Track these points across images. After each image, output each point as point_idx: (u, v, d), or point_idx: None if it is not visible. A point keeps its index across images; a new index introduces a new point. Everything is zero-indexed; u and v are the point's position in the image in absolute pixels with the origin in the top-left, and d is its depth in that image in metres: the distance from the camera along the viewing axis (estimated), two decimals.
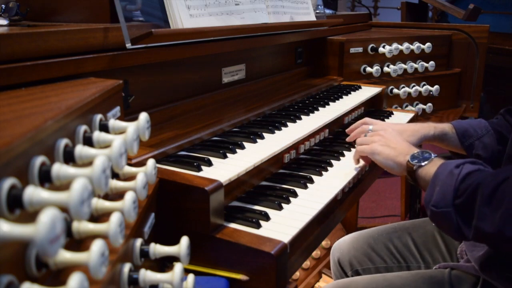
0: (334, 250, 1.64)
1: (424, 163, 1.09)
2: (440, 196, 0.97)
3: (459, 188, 0.95)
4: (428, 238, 1.50)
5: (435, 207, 0.98)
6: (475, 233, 0.92)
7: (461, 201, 0.94)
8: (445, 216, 0.96)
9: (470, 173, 0.97)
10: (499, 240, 0.89)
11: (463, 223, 0.95)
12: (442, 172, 1.01)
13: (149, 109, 1.28)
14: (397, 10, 3.30)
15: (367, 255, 1.52)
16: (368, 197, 3.80)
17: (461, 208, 0.95)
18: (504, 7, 3.79)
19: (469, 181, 0.95)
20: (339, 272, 1.61)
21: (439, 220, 0.99)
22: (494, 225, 0.87)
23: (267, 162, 1.18)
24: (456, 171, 0.98)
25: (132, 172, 0.80)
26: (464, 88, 2.42)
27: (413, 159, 1.12)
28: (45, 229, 0.45)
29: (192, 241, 0.80)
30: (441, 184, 0.98)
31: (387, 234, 1.54)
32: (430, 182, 1.02)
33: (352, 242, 1.58)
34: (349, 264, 1.55)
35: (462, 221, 0.95)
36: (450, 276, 1.20)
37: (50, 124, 0.60)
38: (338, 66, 2.09)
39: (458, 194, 0.95)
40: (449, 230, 0.98)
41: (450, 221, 0.96)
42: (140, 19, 1.26)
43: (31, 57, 0.90)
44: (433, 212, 0.99)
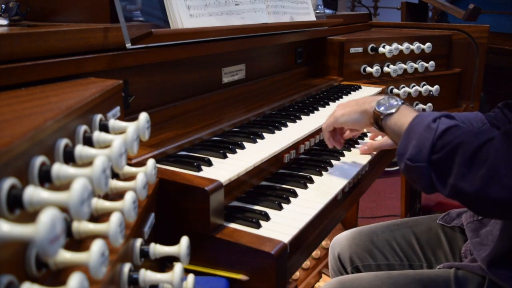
0: (334, 245, 1.61)
1: (392, 110, 1.08)
2: (416, 150, 0.95)
3: (437, 143, 0.93)
4: (432, 237, 1.48)
5: (410, 161, 0.95)
6: (451, 191, 0.90)
7: (438, 157, 0.92)
8: (419, 171, 0.94)
9: (449, 128, 0.94)
10: (479, 200, 0.87)
11: (438, 179, 0.93)
12: (418, 125, 0.98)
13: (149, 109, 1.28)
14: (397, 10, 3.30)
15: (368, 251, 1.51)
16: (368, 197, 3.80)
17: (437, 164, 0.93)
18: (504, 7, 3.79)
19: (448, 138, 0.92)
20: (337, 268, 1.58)
21: (413, 175, 0.97)
22: (474, 185, 0.85)
23: (267, 162, 1.18)
24: (433, 125, 0.95)
25: (132, 172, 0.80)
26: (464, 88, 2.42)
27: (379, 106, 1.11)
28: (45, 229, 0.45)
29: (192, 241, 0.80)
30: (418, 138, 0.96)
31: (389, 231, 1.53)
32: (404, 134, 1.00)
33: (353, 237, 1.56)
34: (350, 260, 1.53)
35: (437, 177, 0.93)
36: (455, 276, 1.20)
37: (50, 124, 0.60)
38: (338, 66, 2.09)
39: (435, 149, 0.93)
40: (421, 185, 0.96)
41: (424, 176, 0.94)
42: (140, 19, 1.26)
43: (31, 57, 0.90)
44: (407, 166, 0.96)
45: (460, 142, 0.90)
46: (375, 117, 1.12)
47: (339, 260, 1.57)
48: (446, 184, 0.92)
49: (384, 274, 1.28)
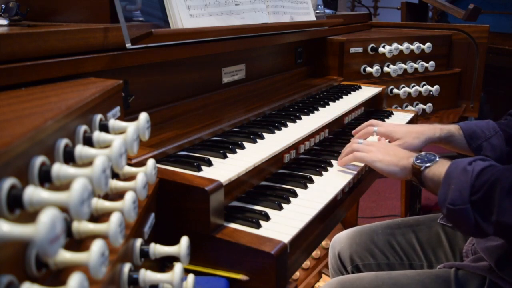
0: (334, 244, 1.61)
1: (430, 163, 1.09)
2: (456, 194, 0.97)
3: (475, 184, 0.95)
4: (432, 236, 1.48)
5: (451, 205, 0.97)
6: (497, 227, 0.92)
7: (479, 197, 0.94)
8: (462, 214, 0.96)
9: (484, 169, 0.96)
10: None
11: (481, 219, 0.94)
12: (455, 170, 1.00)
13: (149, 109, 1.28)
14: (397, 10, 3.30)
15: (369, 250, 1.51)
16: (368, 197, 3.79)
17: (478, 204, 0.94)
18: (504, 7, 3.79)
19: (485, 177, 0.95)
20: (338, 267, 1.58)
21: (456, 218, 0.98)
22: None
23: (267, 162, 1.18)
24: (469, 168, 0.98)
25: (132, 172, 0.80)
26: (464, 88, 2.42)
27: (417, 160, 1.12)
28: (45, 229, 0.45)
29: (192, 241, 0.80)
30: (456, 182, 0.98)
31: (390, 230, 1.53)
32: (442, 181, 1.02)
33: (354, 236, 1.56)
34: (350, 259, 1.53)
35: (481, 217, 0.94)
36: (456, 275, 1.20)
37: (50, 124, 0.60)
38: (338, 66, 2.09)
39: (474, 190, 0.95)
40: (466, 227, 0.97)
41: (468, 218, 0.95)
42: (140, 19, 1.26)
43: (31, 57, 0.90)
44: (450, 211, 0.98)
45: (496, 178, 0.93)
46: (414, 171, 1.13)
47: (339, 259, 1.57)
48: (490, 222, 0.93)
49: (384, 274, 1.28)
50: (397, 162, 1.18)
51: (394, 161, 1.19)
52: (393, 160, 1.19)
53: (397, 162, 1.18)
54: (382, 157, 1.21)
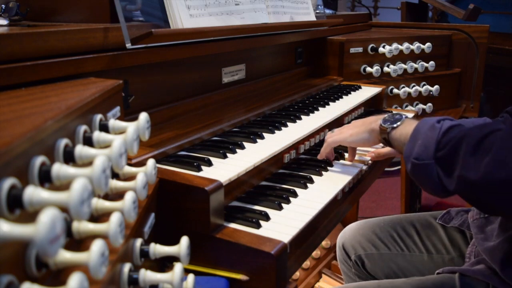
0: (340, 237, 1.68)
1: (397, 124, 1.12)
2: (421, 148, 0.98)
3: (441, 140, 0.96)
4: (431, 230, 1.52)
5: (416, 160, 0.98)
6: (458, 182, 0.91)
7: (444, 153, 0.94)
8: (426, 169, 0.96)
9: (453, 126, 0.97)
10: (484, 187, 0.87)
11: (444, 174, 0.94)
12: (423, 126, 1.01)
13: (149, 109, 1.28)
14: (397, 10, 3.30)
15: (371, 241, 1.56)
16: (368, 197, 3.80)
17: (443, 160, 0.95)
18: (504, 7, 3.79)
19: (452, 134, 0.95)
20: (343, 257, 1.64)
21: (420, 173, 0.98)
22: (478, 173, 0.86)
23: (267, 162, 1.18)
24: (437, 125, 0.98)
25: (132, 172, 0.80)
26: (464, 88, 2.42)
27: (385, 122, 1.15)
28: (45, 229, 0.45)
29: (192, 241, 0.80)
30: (423, 137, 0.98)
31: (392, 224, 1.57)
32: (410, 137, 1.03)
33: (357, 228, 1.62)
34: (353, 248, 1.59)
35: (444, 173, 0.94)
36: (460, 282, 1.20)
37: (50, 124, 0.60)
38: (338, 66, 2.09)
39: (440, 146, 0.95)
40: (429, 183, 0.98)
41: (431, 173, 0.96)
42: (140, 19, 1.26)
43: (31, 57, 0.90)
44: (414, 165, 0.99)
45: (463, 135, 0.93)
46: (381, 132, 1.15)
47: (344, 249, 1.63)
48: (452, 177, 0.93)
49: (386, 283, 1.29)
50: (365, 129, 1.22)
51: (363, 129, 1.23)
52: (361, 128, 1.24)
53: (365, 129, 1.22)
54: (352, 131, 1.26)
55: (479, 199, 0.93)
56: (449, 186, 0.94)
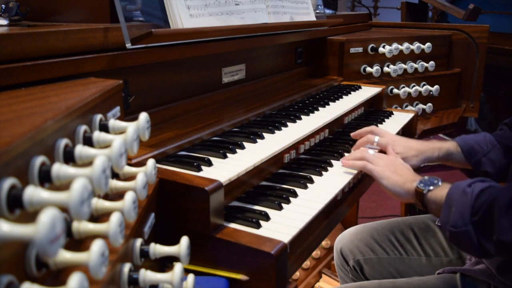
0: (337, 241, 1.67)
1: (432, 187, 1.11)
2: (457, 216, 0.99)
3: (475, 205, 0.97)
4: (429, 232, 1.52)
5: (454, 228, 0.99)
6: (497, 246, 0.93)
7: (479, 218, 0.96)
8: (465, 235, 0.98)
9: (483, 190, 0.98)
10: None
11: (484, 239, 0.96)
12: (455, 192, 1.02)
13: (149, 109, 1.28)
14: (397, 10, 3.30)
15: (369, 245, 1.55)
16: (368, 197, 3.80)
17: (479, 224, 0.96)
18: (504, 7, 3.79)
19: (484, 198, 0.96)
20: (340, 262, 1.63)
21: (460, 240, 1.00)
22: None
23: (267, 162, 1.18)
24: (468, 190, 1.00)
25: (132, 172, 0.80)
26: (464, 88, 2.42)
27: (421, 184, 1.14)
28: (45, 229, 0.45)
29: (192, 241, 0.80)
30: (456, 204, 1.00)
31: (390, 228, 1.57)
32: (443, 204, 1.04)
33: (356, 233, 1.61)
34: (351, 253, 1.58)
35: (483, 237, 0.96)
36: (461, 282, 1.20)
37: (50, 124, 0.60)
38: (338, 66, 2.09)
39: (474, 211, 0.97)
40: (470, 248, 0.99)
41: (471, 240, 0.97)
42: (140, 19, 1.26)
43: (31, 57, 0.90)
44: (453, 233, 1.00)
45: (494, 198, 0.94)
46: (417, 194, 1.14)
47: (341, 254, 1.62)
48: (491, 241, 0.94)
49: (387, 283, 1.29)
50: (402, 184, 1.19)
51: (400, 183, 1.19)
52: (399, 181, 1.20)
53: (402, 184, 1.19)
54: (390, 175, 1.22)
55: None
56: (491, 250, 0.96)
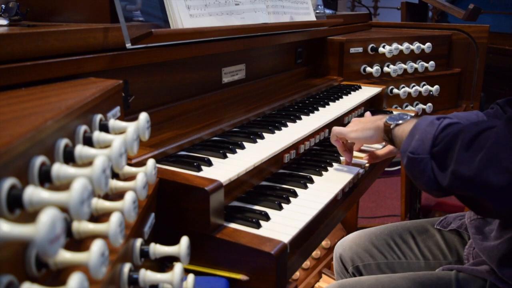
0: (337, 247, 1.66)
1: (401, 121, 1.12)
2: (418, 143, 0.98)
3: (438, 136, 0.95)
4: (429, 237, 1.50)
5: (412, 154, 0.98)
6: (451, 178, 0.91)
7: (439, 149, 0.94)
8: (420, 163, 0.96)
9: (451, 124, 0.97)
10: (477, 183, 0.86)
11: (439, 169, 0.94)
12: (422, 122, 1.01)
13: (149, 109, 1.28)
14: (397, 10, 3.30)
15: (368, 251, 1.54)
16: (368, 197, 3.80)
17: (438, 155, 0.95)
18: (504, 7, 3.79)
19: (449, 130, 0.95)
20: (340, 269, 1.62)
21: (415, 167, 0.98)
22: (472, 168, 0.85)
23: (267, 162, 1.18)
24: (436, 122, 0.98)
25: (132, 172, 0.80)
26: (464, 88, 2.42)
27: (390, 119, 1.16)
28: (45, 229, 0.45)
29: (192, 241, 0.80)
30: (421, 133, 0.99)
31: (388, 232, 1.56)
32: (409, 132, 1.03)
33: (354, 239, 1.60)
34: (351, 260, 1.57)
35: (438, 168, 0.94)
36: (456, 278, 1.20)
37: (50, 124, 0.60)
38: (338, 66, 2.09)
39: (436, 142, 0.95)
40: (423, 178, 0.97)
41: (425, 168, 0.95)
42: (140, 19, 1.26)
43: (31, 57, 0.90)
44: (409, 159, 0.98)
45: (459, 130, 0.92)
46: (385, 129, 1.15)
47: (341, 261, 1.61)
48: (446, 172, 0.92)
49: (384, 278, 1.28)
50: (370, 125, 1.23)
51: (368, 125, 1.24)
52: (367, 125, 1.24)
53: (370, 125, 1.23)
54: (357, 127, 1.27)
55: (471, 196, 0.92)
56: (443, 181, 0.93)
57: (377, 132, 1.21)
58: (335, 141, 1.34)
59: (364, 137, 1.25)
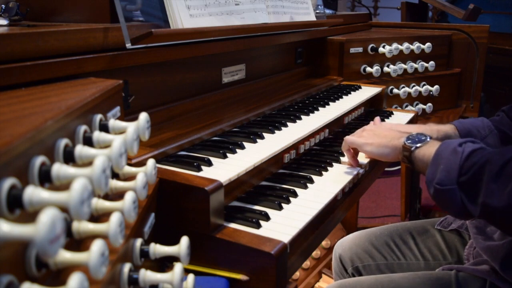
0: (337, 248, 1.65)
1: (420, 144, 1.10)
2: (444, 174, 0.96)
3: (464, 165, 0.95)
4: (429, 237, 1.50)
5: (439, 185, 0.97)
6: (482, 210, 0.91)
7: (467, 179, 0.94)
8: (449, 194, 0.95)
9: (475, 151, 0.96)
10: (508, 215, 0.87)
11: (468, 200, 0.94)
12: (445, 150, 1.00)
13: (149, 109, 1.28)
14: (397, 10, 3.30)
15: (368, 252, 1.54)
16: (368, 197, 3.80)
17: (466, 185, 0.94)
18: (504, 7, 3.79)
19: (475, 159, 0.94)
20: (339, 269, 1.62)
21: (443, 198, 0.98)
22: (502, 200, 0.86)
23: (267, 162, 1.18)
24: (459, 149, 0.97)
25: (132, 172, 0.80)
26: (464, 88, 2.42)
27: (408, 140, 1.13)
28: (45, 229, 0.45)
29: (192, 241, 0.80)
30: (445, 162, 0.97)
31: (388, 233, 1.56)
32: (431, 161, 1.01)
33: (354, 239, 1.60)
34: (350, 261, 1.56)
35: (467, 199, 0.94)
36: (457, 278, 1.20)
37: (50, 124, 0.60)
38: (338, 66, 2.09)
39: (463, 171, 0.94)
40: (452, 208, 0.97)
41: (454, 199, 0.95)
42: (140, 19, 1.26)
43: (31, 57, 0.90)
44: (437, 190, 0.98)
45: (486, 160, 0.92)
46: (404, 151, 1.13)
47: (340, 261, 1.60)
48: (476, 204, 0.92)
49: (384, 278, 1.28)
50: (387, 143, 1.19)
51: (384, 142, 1.19)
52: (383, 141, 1.20)
53: (387, 143, 1.19)
54: (372, 140, 1.22)
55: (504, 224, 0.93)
56: (474, 212, 0.94)
57: (394, 152, 1.17)
58: (346, 151, 1.30)
59: (379, 154, 1.21)
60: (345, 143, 1.30)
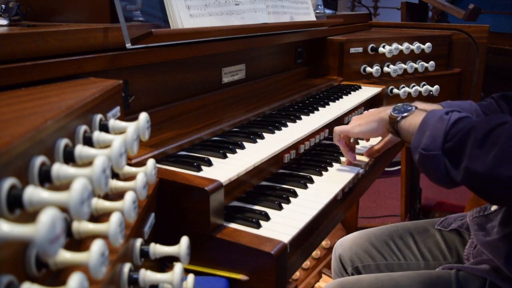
0: (336, 247, 1.65)
1: (406, 113, 1.11)
2: (429, 139, 0.98)
3: (450, 132, 0.96)
4: (429, 236, 1.50)
5: (424, 150, 0.98)
6: (465, 174, 0.92)
7: (451, 145, 0.95)
8: (433, 159, 0.97)
9: (461, 119, 0.97)
10: (490, 180, 0.88)
11: (452, 166, 0.95)
12: (431, 118, 1.01)
13: (149, 109, 1.28)
14: (397, 10, 3.30)
15: (367, 252, 1.54)
16: (368, 197, 3.80)
17: (450, 151, 0.95)
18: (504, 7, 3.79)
19: (460, 126, 0.96)
20: (339, 269, 1.61)
21: (427, 164, 0.99)
22: (485, 165, 0.87)
23: (267, 162, 1.18)
24: (446, 117, 0.99)
25: (132, 172, 0.80)
26: (464, 88, 2.42)
27: (395, 111, 1.14)
28: (45, 229, 0.45)
29: (192, 241, 0.80)
30: (431, 129, 0.99)
31: (388, 233, 1.56)
32: (418, 128, 1.03)
33: (354, 239, 1.60)
34: (350, 260, 1.56)
35: (451, 164, 0.95)
36: (457, 277, 1.20)
37: (50, 124, 0.60)
38: (338, 66, 2.09)
39: (448, 138, 0.96)
40: (435, 174, 0.98)
41: (438, 165, 0.96)
42: (140, 19, 1.26)
43: (31, 57, 0.90)
44: (422, 156, 0.99)
45: (471, 127, 0.93)
46: (391, 122, 1.15)
47: (340, 261, 1.60)
48: (459, 169, 0.93)
49: (384, 276, 1.28)
50: (374, 118, 1.22)
51: (371, 118, 1.23)
52: (370, 118, 1.23)
53: (374, 118, 1.22)
54: (360, 121, 1.25)
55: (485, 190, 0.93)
56: (456, 177, 0.95)
57: (381, 124, 1.20)
58: (337, 141, 1.32)
59: (368, 130, 1.23)
60: (335, 134, 1.32)
